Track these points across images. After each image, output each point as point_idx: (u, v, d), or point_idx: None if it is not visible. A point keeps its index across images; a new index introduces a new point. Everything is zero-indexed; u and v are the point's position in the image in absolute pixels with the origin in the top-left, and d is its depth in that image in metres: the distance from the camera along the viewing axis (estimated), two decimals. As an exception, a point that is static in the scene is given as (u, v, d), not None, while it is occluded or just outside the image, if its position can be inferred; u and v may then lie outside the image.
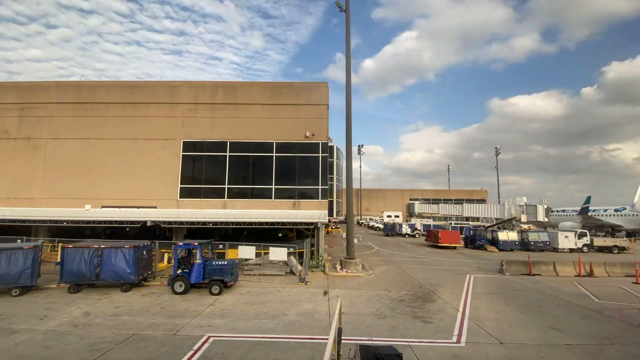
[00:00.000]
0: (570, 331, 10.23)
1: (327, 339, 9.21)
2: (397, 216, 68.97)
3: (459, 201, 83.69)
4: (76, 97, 23.49)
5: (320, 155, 22.48)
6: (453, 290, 15.36)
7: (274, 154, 22.63)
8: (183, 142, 22.80)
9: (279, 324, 10.42)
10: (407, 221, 62.34)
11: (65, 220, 20.03)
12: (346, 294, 14.27)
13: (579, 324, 10.91)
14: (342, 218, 66.63)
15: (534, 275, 19.01)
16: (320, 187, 22.26)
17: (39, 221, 20.24)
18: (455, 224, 53.82)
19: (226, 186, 22.50)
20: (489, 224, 50.01)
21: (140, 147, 22.73)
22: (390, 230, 48.58)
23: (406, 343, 8.99)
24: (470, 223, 55.64)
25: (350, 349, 6.48)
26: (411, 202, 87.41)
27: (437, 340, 9.31)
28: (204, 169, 22.90)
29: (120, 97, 23.40)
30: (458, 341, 9.31)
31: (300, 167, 22.62)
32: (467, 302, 13.27)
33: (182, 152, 22.71)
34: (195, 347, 8.51)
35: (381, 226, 55.39)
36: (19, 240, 18.55)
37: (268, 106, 23.03)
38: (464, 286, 16.15)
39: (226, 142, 22.74)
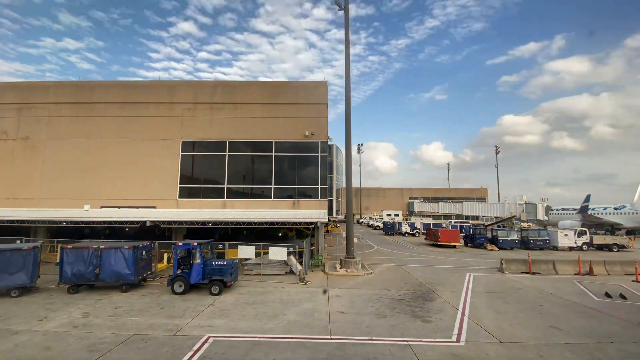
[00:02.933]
0: (569, 330, 10.23)
1: (327, 338, 9.24)
2: (397, 215, 69.02)
3: (459, 200, 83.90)
4: (75, 97, 23.46)
5: (319, 154, 22.47)
6: (453, 289, 15.36)
7: (274, 154, 22.61)
8: (182, 141, 22.79)
9: (279, 324, 10.41)
10: (407, 220, 62.37)
11: (64, 220, 20.00)
12: (346, 294, 14.28)
13: (579, 323, 10.91)
14: (341, 217, 66.70)
15: (534, 273, 19.02)
16: (319, 186, 22.26)
17: (38, 222, 20.20)
18: (455, 222, 53.82)
19: (225, 186, 22.49)
20: (488, 223, 50.09)
21: (139, 147, 22.71)
22: (390, 229, 48.57)
23: (406, 342, 8.99)
24: (470, 222, 55.67)
25: None
26: (411, 200, 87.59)
27: (436, 340, 9.31)
28: (203, 169, 22.88)
29: (118, 97, 23.36)
30: (458, 340, 9.31)
31: (299, 166, 22.61)
32: (467, 301, 13.27)
33: (181, 151, 22.71)
34: (195, 348, 8.50)
35: (381, 225, 55.38)
36: (18, 241, 18.55)
37: (267, 105, 23.01)
38: (464, 285, 16.16)
39: (225, 141, 22.72)
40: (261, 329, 10.01)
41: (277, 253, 17.09)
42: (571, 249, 30.83)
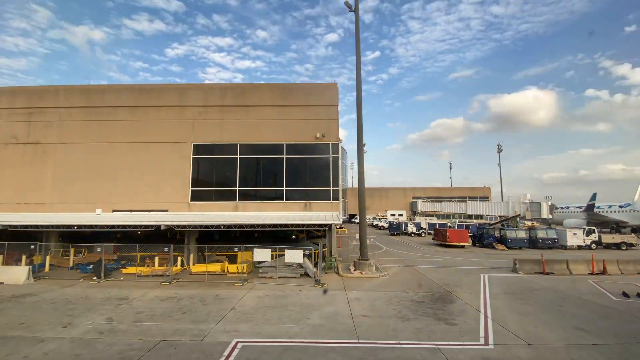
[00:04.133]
0: (594, 331, 10.22)
1: (355, 342, 9.24)
2: (401, 215, 69.08)
3: (462, 199, 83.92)
4: (85, 101, 23.45)
5: (331, 156, 22.48)
6: (470, 290, 15.36)
7: (285, 156, 22.60)
8: (193, 144, 22.78)
9: (304, 328, 10.40)
10: (410, 219, 62.38)
11: (76, 225, 19.96)
12: (365, 296, 14.28)
13: (602, 323, 10.91)
14: (346, 217, 66.63)
15: (548, 274, 19.02)
16: (331, 188, 22.26)
17: (51, 227, 20.17)
18: (460, 222, 53.85)
19: (237, 188, 22.47)
20: (492, 222, 50.08)
21: (151, 150, 22.71)
22: (396, 229, 48.62)
23: (435, 346, 8.99)
24: (475, 221, 55.67)
25: None
26: (414, 200, 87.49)
27: (465, 343, 9.30)
28: (214, 172, 22.87)
29: (129, 100, 23.36)
30: (486, 343, 9.29)
31: (311, 168, 22.61)
32: (487, 303, 13.27)
33: (193, 154, 22.70)
34: (226, 353, 8.48)
35: (386, 225, 55.43)
36: (32, 246, 18.60)
37: (278, 107, 23.01)
38: (480, 286, 16.17)
39: (236, 144, 22.71)
40: (287, 333, 10.00)
41: (293, 255, 17.10)
42: (580, 247, 30.87)
